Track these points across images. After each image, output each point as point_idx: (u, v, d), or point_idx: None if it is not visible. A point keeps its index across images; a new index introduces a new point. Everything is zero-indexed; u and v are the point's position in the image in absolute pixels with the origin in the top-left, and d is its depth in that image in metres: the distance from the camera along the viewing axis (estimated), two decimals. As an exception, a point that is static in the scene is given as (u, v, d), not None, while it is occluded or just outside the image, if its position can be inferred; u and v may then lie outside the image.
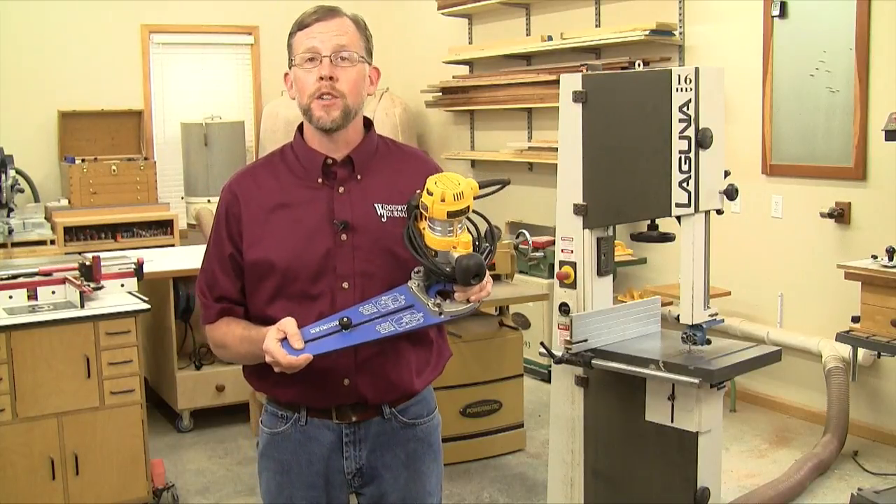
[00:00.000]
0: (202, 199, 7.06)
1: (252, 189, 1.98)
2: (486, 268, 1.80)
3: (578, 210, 2.88)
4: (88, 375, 3.67)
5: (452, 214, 1.77)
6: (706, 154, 2.81)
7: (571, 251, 2.92)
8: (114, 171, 6.74)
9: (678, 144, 2.80)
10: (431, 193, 1.78)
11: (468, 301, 1.83)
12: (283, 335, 1.78)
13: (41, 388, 3.59)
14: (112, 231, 6.54)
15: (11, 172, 6.03)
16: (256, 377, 2.02)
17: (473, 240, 1.83)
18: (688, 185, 2.80)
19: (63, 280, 3.83)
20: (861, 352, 4.33)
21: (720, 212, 2.90)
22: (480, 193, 1.84)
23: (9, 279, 3.77)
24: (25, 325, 3.54)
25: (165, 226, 6.72)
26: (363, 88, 1.95)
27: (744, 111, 5.15)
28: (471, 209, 1.81)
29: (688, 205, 2.81)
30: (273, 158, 2.03)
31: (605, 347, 2.85)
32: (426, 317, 1.83)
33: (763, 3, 5.03)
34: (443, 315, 1.83)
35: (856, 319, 4.17)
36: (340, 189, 1.95)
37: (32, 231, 6.23)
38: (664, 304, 4.04)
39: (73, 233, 6.39)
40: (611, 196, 2.89)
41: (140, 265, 4.06)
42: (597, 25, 6.11)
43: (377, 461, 2.02)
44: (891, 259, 4.08)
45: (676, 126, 2.79)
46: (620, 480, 2.95)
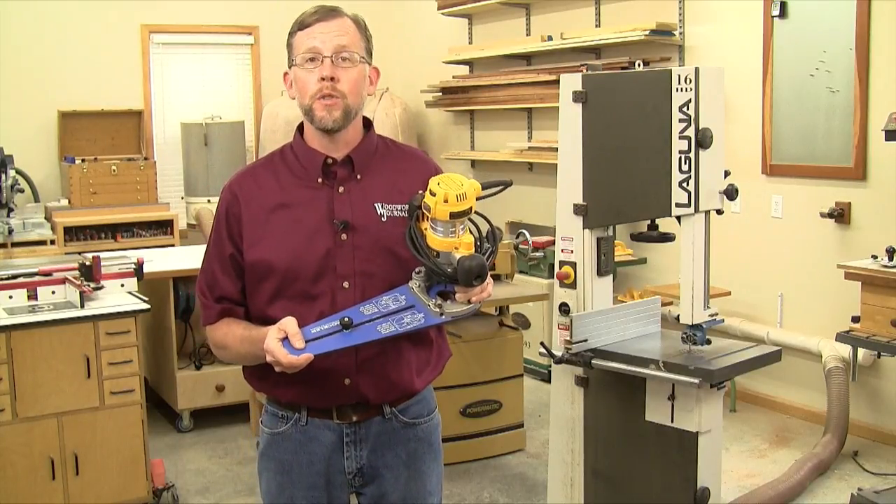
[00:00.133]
0: (202, 199, 7.06)
1: (252, 189, 1.98)
2: (488, 269, 1.80)
3: (578, 210, 2.88)
4: (88, 375, 3.67)
5: (455, 215, 1.77)
6: (706, 154, 2.81)
7: (571, 251, 2.92)
8: (114, 171, 6.74)
9: (678, 144, 2.80)
10: (434, 194, 1.78)
11: (469, 302, 1.83)
12: (284, 335, 1.78)
13: (41, 388, 3.59)
14: (112, 231, 6.54)
15: (11, 172, 6.03)
16: (256, 378, 2.02)
17: (475, 241, 1.83)
18: (688, 185, 2.80)
19: (63, 280, 3.83)
20: (861, 352, 4.33)
21: (720, 212, 2.90)
22: (483, 194, 1.84)
23: (9, 279, 3.77)
24: (25, 325, 3.54)
25: (165, 226, 6.72)
26: (364, 88, 1.96)
27: (744, 111, 5.15)
28: (473, 210, 1.81)
29: (688, 205, 2.81)
30: (273, 158, 2.03)
31: (605, 347, 2.85)
32: (427, 317, 1.83)
33: (763, 3, 5.03)
34: (444, 316, 1.83)
35: (856, 319, 4.17)
36: (340, 189, 1.95)
37: (32, 231, 6.24)
38: (664, 304, 4.04)
39: (73, 233, 6.39)
40: (611, 196, 2.89)
41: (140, 265, 4.06)
42: (597, 25, 6.11)
43: (378, 461, 2.02)
44: (891, 259, 4.08)
45: (676, 126, 2.79)
46: (620, 480, 2.95)
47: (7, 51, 6.83)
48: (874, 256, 4.21)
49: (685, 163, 2.80)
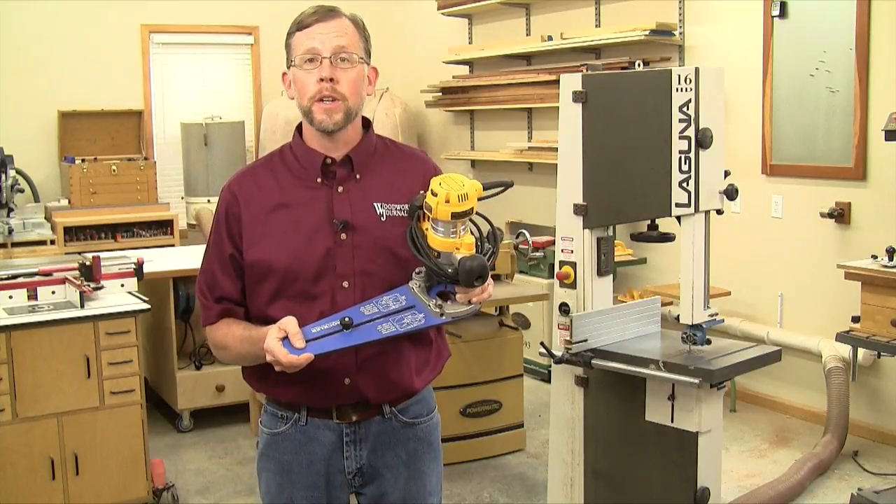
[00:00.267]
0: (202, 199, 7.06)
1: (252, 189, 1.98)
2: (489, 270, 1.80)
3: (578, 210, 2.88)
4: (88, 375, 3.67)
5: (456, 216, 1.77)
6: (706, 154, 2.81)
7: (571, 251, 2.92)
8: (114, 171, 6.74)
9: (678, 144, 2.80)
10: (436, 194, 1.77)
11: (469, 302, 1.83)
12: (285, 334, 1.78)
13: (41, 388, 3.59)
14: (112, 231, 6.54)
15: (11, 172, 6.03)
16: (256, 378, 2.02)
17: (476, 241, 1.83)
18: (688, 185, 2.80)
19: (63, 280, 3.83)
20: (861, 352, 4.33)
21: (720, 212, 2.90)
22: (484, 195, 1.84)
23: (9, 279, 3.77)
24: (25, 325, 3.54)
25: (165, 226, 6.72)
26: (363, 89, 1.96)
27: (744, 111, 5.15)
28: (474, 210, 1.81)
29: (688, 205, 2.81)
30: (272, 158, 2.03)
31: (605, 347, 2.85)
32: (427, 318, 1.83)
33: (763, 3, 5.03)
34: (444, 316, 1.83)
35: (856, 319, 4.17)
36: (340, 189, 1.95)
37: (32, 231, 6.24)
38: (664, 304, 4.04)
39: (73, 233, 6.39)
40: (611, 196, 2.89)
41: (140, 265, 4.06)
42: (597, 25, 6.11)
43: (378, 460, 2.02)
44: (891, 259, 4.08)
45: (676, 126, 2.79)
46: (620, 480, 2.94)
47: (7, 51, 6.83)
48: (874, 256, 4.21)
49: (685, 163, 2.80)
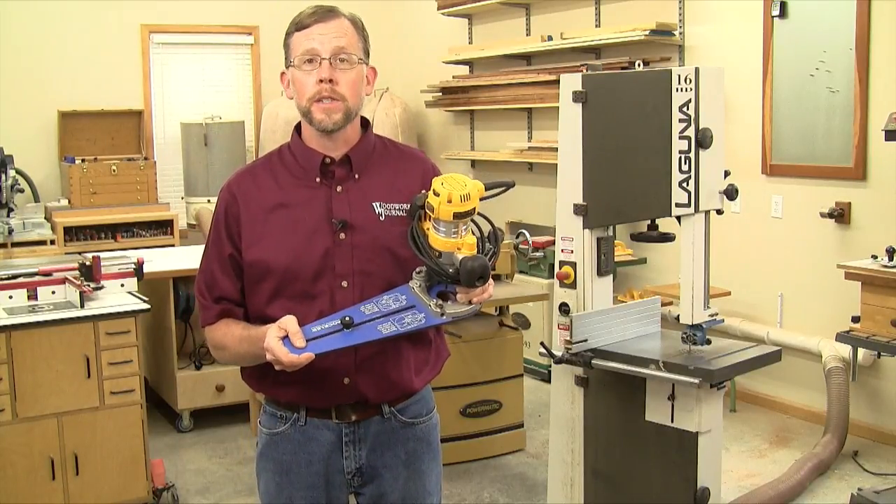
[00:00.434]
0: (202, 199, 7.06)
1: (251, 189, 1.98)
2: (490, 270, 1.79)
3: (578, 210, 2.88)
4: (88, 375, 3.67)
5: (458, 216, 1.77)
6: (706, 154, 2.80)
7: (571, 251, 2.92)
8: (114, 171, 6.74)
9: (678, 144, 2.80)
10: (438, 194, 1.77)
11: (470, 302, 1.83)
12: (285, 333, 1.78)
13: (41, 388, 3.59)
14: (112, 231, 6.54)
15: (11, 172, 6.03)
16: (255, 378, 2.02)
17: (477, 241, 1.83)
18: (688, 185, 2.80)
19: (63, 280, 3.83)
20: (861, 352, 4.33)
21: (720, 212, 2.89)
22: (486, 195, 1.84)
23: (9, 279, 3.77)
24: (25, 325, 3.54)
25: (165, 226, 6.72)
26: (362, 89, 1.96)
27: (744, 111, 5.15)
28: (476, 211, 1.81)
29: (688, 205, 2.81)
30: (271, 158, 2.03)
31: (605, 347, 2.85)
32: (428, 318, 1.83)
33: (763, 3, 5.03)
34: (444, 316, 1.83)
35: (856, 319, 4.17)
36: (338, 188, 1.95)
37: (32, 231, 6.24)
38: (664, 304, 4.04)
39: (73, 233, 6.40)
40: (611, 196, 2.89)
41: (140, 265, 4.06)
42: (597, 25, 6.11)
43: (377, 460, 2.02)
44: (891, 259, 4.08)
45: (676, 126, 2.79)
46: (620, 480, 2.94)
47: (7, 51, 6.83)
48: (874, 256, 4.21)
49: (685, 163, 2.80)
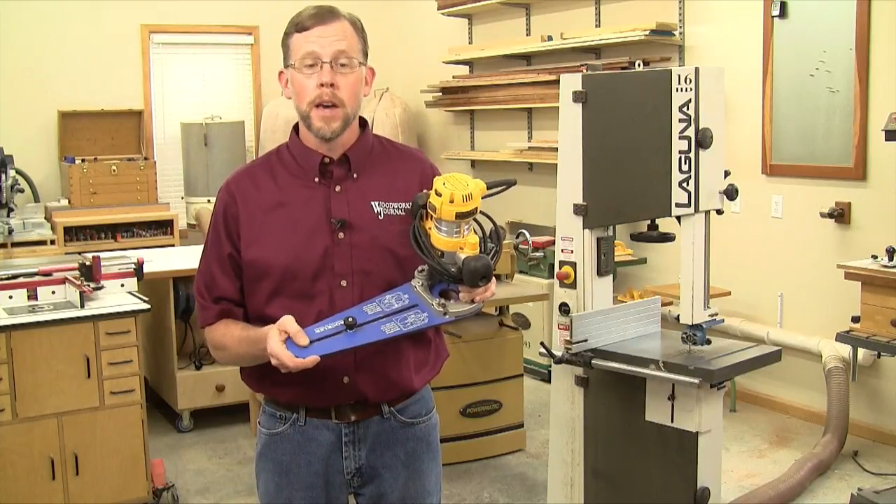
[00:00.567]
0: (202, 199, 7.06)
1: (249, 189, 1.98)
2: (493, 269, 1.79)
3: (578, 210, 2.88)
4: (88, 375, 3.67)
5: (461, 216, 1.77)
6: (706, 154, 2.80)
7: (571, 251, 2.92)
8: (114, 171, 6.74)
9: (678, 144, 2.80)
10: (440, 194, 1.77)
11: (473, 301, 1.82)
12: (286, 335, 1.78)
13: (41, 388, 3.59)
14: (112, 231, 6.54)
15: (11, 172, 6.03)
16: (255, 378, 2.02)
17: (480, 240, 1.83)
18: (688, 185, 2.80)
19: (63, 280, 3.83)
20: (861, 352, 4.33)
21: (720, 212, 2.89)
22: (487, 193, 1.84)
23: (9, 279, 3.77)
24: (25, 325, 3.54)
25: (165, 226, 6.72)
26: (360, 92, 1.96)
27: (744, 111, 5.15)
28: (478, 210, 1.80)
29: (688, 205, 2.81)
30: (270, 158, 2.03)
31: (605, 347, 2.85)
32: (431, 317, 1.82)
33: (763, 3, 5.03)
34: (447, 315, 1.83)
35: (856, 319, 4.18)
36: (337, 188, 1.95)
37: (32, 231, 6.24)
38: (664, 304, 4.04)
39: (73, 233, 6.40)
40: (611, 196, 2.89)
41: (140, 265, 4.06)
42: (597, 25, 6.11)
43: (377, 461, 2.02)
44: (891, 259, 4.08)
45: (676, 126, 2.79)
46: (620, 480, 2.94)
47: (7, 51, 6.83)
48: (874, 256, 4.21)
49: (685, 163, 2.80)
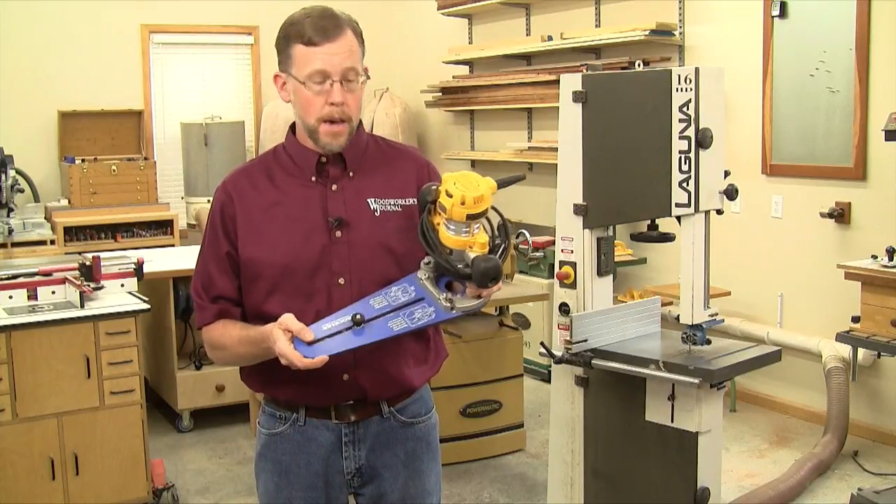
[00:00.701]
0: (202, 199, 7.05)
1: (246, 188, 1.98)
2: (502, 268, 1.78)
3: (578, 210, 2.88)
4: (88, 375, 3.67)
5: (472, 217, 1.76)
6: (706, 154, 2.81)
7: (571, 251, 2.92)
8: (114, 171, 6.74)
9: (678, 144, 2.80)
10: (451, 195, 1.75)
11: (479, 297, 1.81)
12: (291, 334, 1.78)
13: (41, 388, 3.59)
14: (112, 231, 6.54)
15: (11, 172, 6.03)
16: (255, 378, 2.02)
17: (490, 239, 1.81)
18: (688, 185, 2.80)
19: (63, 280, 3.83)
20: (861, 352, 4.33)
21: (720, 212, 2.90)
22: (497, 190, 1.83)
23: (9, 279, 3.77)
24: (25, 325, 3.54)
25: (165, 226, 6.72)
26: (363, 100, 1.97)
27: (744, 111, 5.15)
28: (489, 210, 1.79)
29: (688, 205, 2.81)
30: (266, 158, 2.04)
31: (605, 347, 2.85)
32: (438, 312, 1.81)
33: (763, 3, 5.02)
34: (454, 310, 1.81)
35: (856, 319, 4.18)
36: (334, 187, 1.96)
37: (32, 231, 6.24)
38: (664, 304, 4.04)
39: (73, 233, 6.39)
40: (611, 196, 2.89)
41: (140, 265, 4.06)
42: (597, 25, 6.11)
43: (376, 460, 2.02)
44: (891, 259, 4.08)
45: (676, 126, 2.79)
46: (620, 480, 2.94)
47: (7, 51, 6.82)
48: (874, 256, 4.21)
49: (685, 163, 2.80)
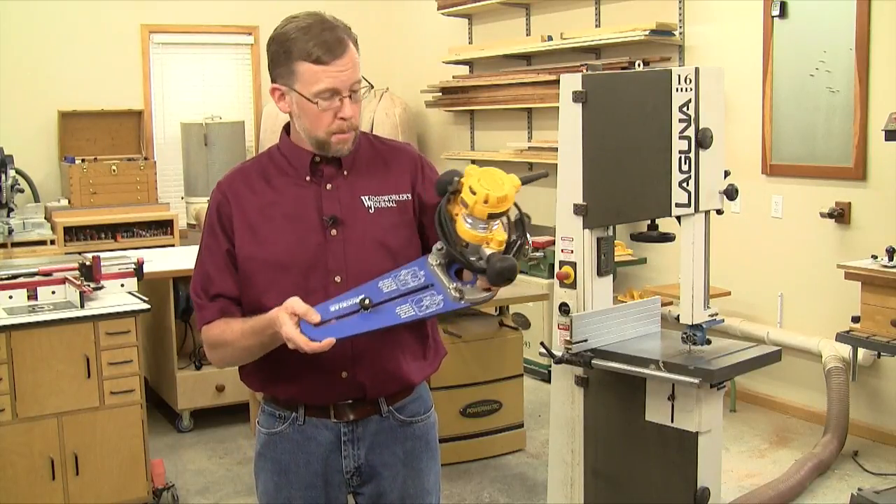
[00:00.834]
0: (202, 199, 7.04)
1: (242, 189, 1.99)
2: (518, 266, 1.76)
3: (578, 210, 2.88)
4: (88, 375, 3.67)
5: (493, 216, 1.74)
6: (706, 154, 2.81)
7: (571, 251, 2.92)
8: (114, 171, 6.74)
9: (678, 144, 2.80)
10: (474, 192, 1.72)
11: (489, 290, 1.79)
12: (297, 318, 1.77)
13: (41, 388, 3.59)
14: (112, 231, 6.54)
15: (11, 172, 6.03)
16: (254, 377, 2.02)
17: (507, 237, 1.77)
18: (688, 185, 2.80)
19: (63, 280, 3.83)
20: (861, 352, 4.33)
21: (720, 212, 2.90)
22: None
23: (9, 279, 3.77)
24: (25, 325, 3.54)
25: (165, 226, 6.72)
26: None
27: (744, 111, 5.15)
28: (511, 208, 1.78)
29: (688, 205, 2.81)
30: (261, 159, 2.05)
31: (605, 347, 2.85)
32: (446, 302, 1.79)
33: (763, 3, 5.02)
34: (463, 301, 1.79)
35: (856, 319, 4.17)
36: (328, 186, 1.97)
37: (32, 231, 6.24)
38: (664, 304, 4.04)
39: (73, 233, 6.40)
40: (611, 196, 2.89)
41: (140, 265, 4.06)
42: (597, 25, 6.11)
43: (376, 459, 2.03)
44: (891, 259, 4.08)
45: (676, 126, 2.79)
46: (620, 480, 2.94)
47: (7, 51, 6.82)
48: (874, 256, 4.21)
49: (685, 163, 2.80)
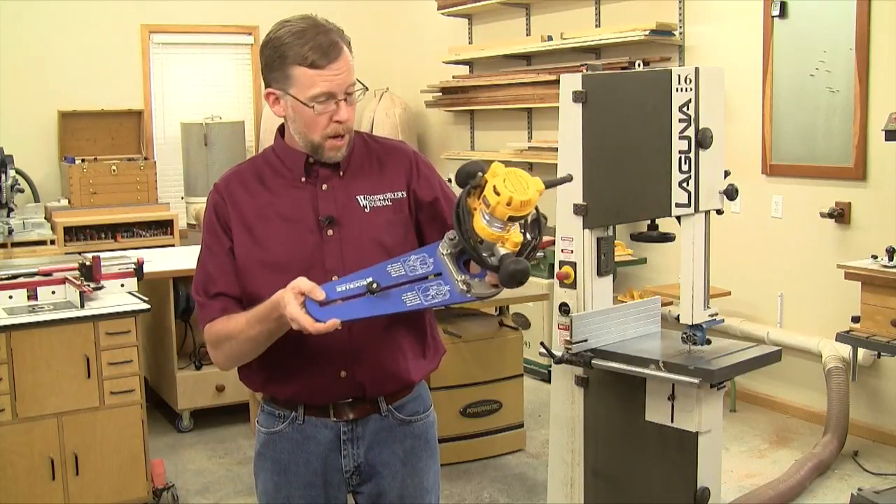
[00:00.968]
0: (202, 199, 6.98)
1: (238, 191, 1.99)
2: (530, 269, 1.75)
3: (578, 210, 2.88)
4: (88, 375, 3.67)
5: (513, 219, 1.73)
6: (706, 154, 2.81)
7: (571, 251, 2.92)
8: (114, 171, 6.75)
9: (678, 144, 2.80)
10: (499, 193, 1.71)
11: (496, 286, 1.78)
12: (303, 297, 1.75)
13: (41, 388, 3.59)
14: (112, 231, 6.55)
15: (11, 172, 6.03)
16: (254, 377, 2.02)
17: (522, 239, 1.77)
18: (688, 185, 2.80)
19: (63, 280, 3.83)
20: (861, 352, 4.33)
21: (720, 212, 2.90)
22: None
23: (9, 279, 3.77)
24: (25, 325, 3.54)
25: (165, 226, 6.73)
26: None
27: (744, 111, 5.15)
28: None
29: (688, 205, 2.81)
30: (257, 161, 2.05)
31: (605, 347, 2.85)
32: (452, 293, 1.78)
33: (763, 3, 5.02)
34: (470, 294, 1.78)
35: (856, 319, 4.18)
36: (324, 186, 1.97)
37: (32, 231, 6.24)
38: (664, 304, 4.04)
39: (73, 233, 6.40)
40: (611, 196, 2.89)
41: (140, 265, 4.06)
42: (597, 25, 6.11)
43: (375, 459, 2.03)
44: (891, 259, 4.08)
45: (676, 126, 2.79)
46: (620, 480, 2.95)
47: (7, 51, 6.83)
48: (874, 256, 4.21)
49: (685, 163, 2.80)
